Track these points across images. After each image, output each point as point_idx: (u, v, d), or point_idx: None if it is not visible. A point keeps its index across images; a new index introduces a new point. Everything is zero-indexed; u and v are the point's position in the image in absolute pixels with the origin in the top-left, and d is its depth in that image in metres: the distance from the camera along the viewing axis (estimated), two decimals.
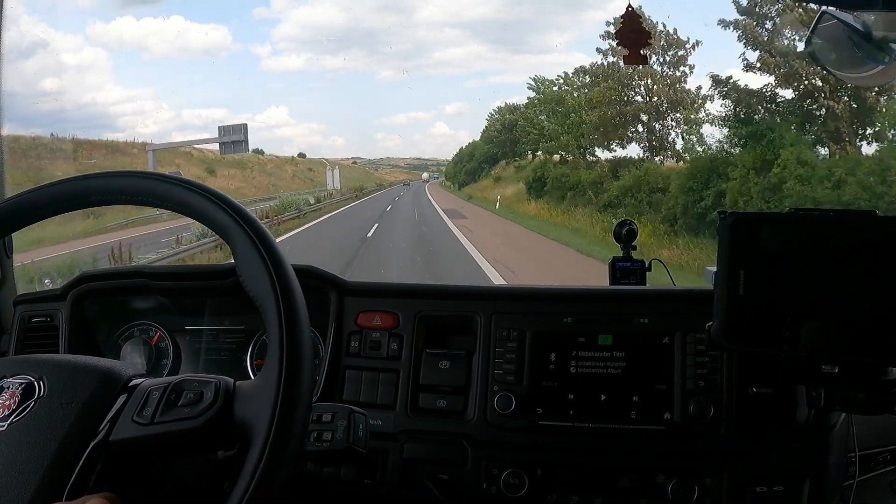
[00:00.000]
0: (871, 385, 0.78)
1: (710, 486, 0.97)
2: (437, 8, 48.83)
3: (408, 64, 54.28)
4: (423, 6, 50.69)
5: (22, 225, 0.76)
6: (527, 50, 49.32)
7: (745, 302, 0.75)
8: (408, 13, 51.44)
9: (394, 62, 54.29)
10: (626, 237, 1.39)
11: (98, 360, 0.72)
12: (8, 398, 0.65)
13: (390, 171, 60.38)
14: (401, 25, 50.91)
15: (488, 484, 1.01)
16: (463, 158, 36.70)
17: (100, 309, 1.26)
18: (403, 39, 52.47)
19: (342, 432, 0.77)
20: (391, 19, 49.90)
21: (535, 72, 39.50)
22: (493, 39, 55.81)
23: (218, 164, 30.12)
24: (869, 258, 0.73)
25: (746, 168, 12.01)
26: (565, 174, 19.10)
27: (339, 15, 49.76)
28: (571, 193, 18.09)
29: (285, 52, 58.83)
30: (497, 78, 57.09)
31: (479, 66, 56.40)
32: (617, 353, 1.02)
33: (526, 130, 23.77)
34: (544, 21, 38.33)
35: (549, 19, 38.33)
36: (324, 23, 50.65)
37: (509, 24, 43.13)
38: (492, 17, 45.49)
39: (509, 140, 27.20)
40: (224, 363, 1.28)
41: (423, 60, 56.20)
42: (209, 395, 0.66)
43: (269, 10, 53.64)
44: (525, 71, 56.04)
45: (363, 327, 1.11)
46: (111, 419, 0.65)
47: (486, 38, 52.92)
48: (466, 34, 53.68)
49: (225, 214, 0.69)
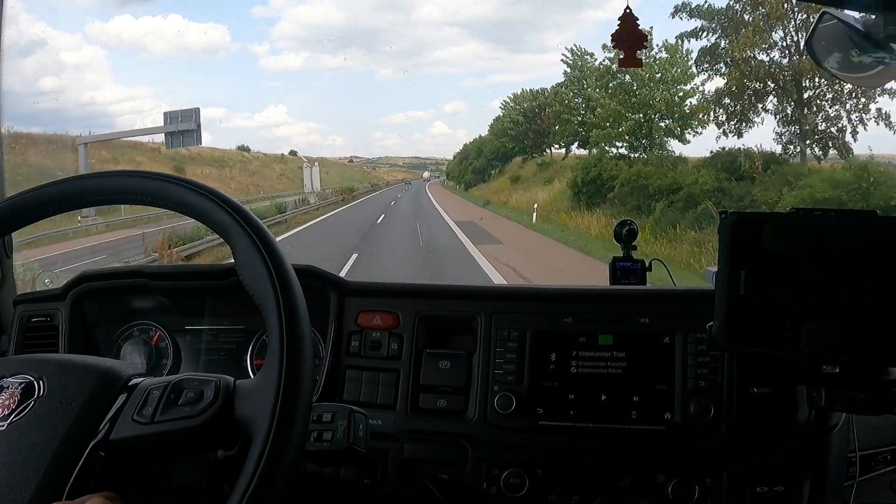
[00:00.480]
0: (871, 385, 0.78)
1: (710, 486, 0.97)
2: (435, 6, 48.81)
3: (406, 63, 54.32)
4: (421, 5, 50.67)
5: (22, 224, 0.76)
6: (525, 49, 49.37)
7: (746, 302, 0.75)
8: (406, 12, 51.45)
9: (393, 61, 54.33)
10: (626, 237, 1.39)
11: (98, 360, 0.72)
12: (8, 398, 0.65)
13: (388, 170, 59.90)
14: (399, 24, 50.94)
15: (488, 484, 1.00)
16: (469, 155, 33.70)
17: (100, 309, 1.26)
18: (402, 38, 52.48)
19: (342, 432, 0.76)
20: (390, 18, 49.91)
21: (533, 71, 38.79)
22: (491, 38, 55.85)
23: (192, 162, 27.49)
24: (869, 258, 0.73)
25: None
26: (643, 174, 13.18)
27: (337, 14, 49.75)
28: (665, 204, 11.68)
29: (284, 51, 58.84)
30: (496, 77, 57.12)
31: (477, 65, 56.44)
32: (617, 353, 1.02)
33: (562, 117, 18.50)
34: (543, 20, 38.28)
35: (548, 18, 38.28)
36: (322, 22, 50.63)
37: (508, 22, 43.13)
38: (490, 16, 45.50)
39: (531, 131, 23.38)
40: (224, 363, 1.28)
41: (422, 59, 56.24)
42: (209, 393, 0.65)
43: (267, 9, 53.69)
44: (523, 70, 55.98)
45: (363, 327, 1.11)
46: (111, 418, 0.65)
47: (484, 37, 52.94)
48: (465, 33, 53.70)
49: (225, 214, 0.68)
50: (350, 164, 54.26)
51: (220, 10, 52.59)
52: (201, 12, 50.21)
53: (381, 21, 50.17)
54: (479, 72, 59.63)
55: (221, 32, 53.57)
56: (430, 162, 57.18)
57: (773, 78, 12.49)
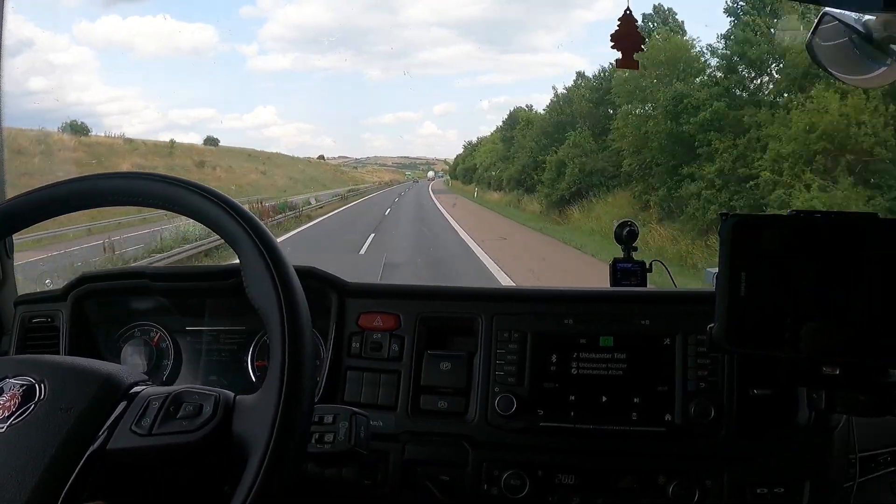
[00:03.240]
0: (871, 387, 0.78)
1: (710, 488, 0.97)
2: (424, 7, 48.73)
3: (397, 64, 54.25)
4: (410, 5, 50.54)
5: (25, 225, 0.76)
6: (515, 49, 49.31)
7: (747, 303, 0.75)
8: (395, 12, 51.43)
9: (382, 62, 54.22)
10: (626, 238, 1.39)
11: (100, 365, 0.72)
12: (8, 399, 0.64)
13: (375, 169, 58.73)
14: (389, 25, 50.85)
15: (489, 485, 1.01)
16: (514, 144, 21.37)
17: (100, 309, 1.26)
18: (392, 39, 52.41)
19: (344, 434, 0.76)
20: (379, 18, 49.82)
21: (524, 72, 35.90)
22: (481, 39, 55.85)
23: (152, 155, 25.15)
24: (870, 261, 0.73)
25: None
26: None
27: (325, 14, 49.66)
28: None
29: (272, 52, 58.68)
30: (485, 77, 57.08)
31: (467, 65, 56.32)
32: (618, 354, 1.02)
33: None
34: (532, 20, 38.15)
35: (538, 19, 38.20)
36: (311, 22, 50.41)
37: (497, 23, 43.06)
38: (479, 17, 45.44)
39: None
40: (224, 364, 1.28)
41: (411, 60, 56.13)
42: (208, 409, 0.65)
43: (255, 9, 53.54)
44: (513, 71, 55.93)
45: (364, 328, 1.11)
46: (109, 426, 0.65)
47: (474, 37, 52.89)
48: (454, 34, 53.64)
49: (229, 218, 0.68)
50: (321, 163, 48.03)
51: (208, 11, 52.59)
52: (189, 12, 50.21)
53: (370, 21, 50.17)
54: (469, 72, 59.70)
55: (210, 33, 53.54)
56: (420, 161, 56.84)
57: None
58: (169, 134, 49.90)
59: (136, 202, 0.72)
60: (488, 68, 56.47)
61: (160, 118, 45.20)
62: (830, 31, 0.98)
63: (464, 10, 49.03)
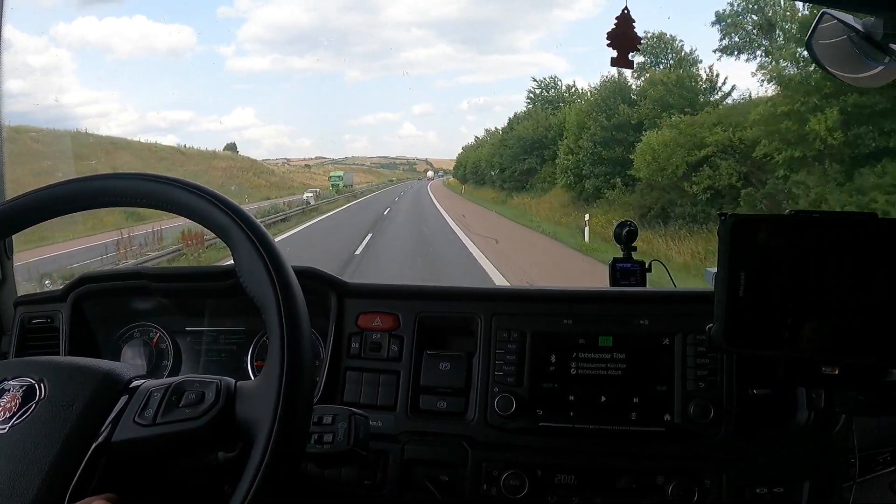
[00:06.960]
0: (871, 387, 0.78)
1: (709, 488, 0.97)
2: (403, 7, 48.53)
3: (375, 64, 54.07)
4: (388, 5, 50.31)
5: (23, 226, 0.76)
6: (494, 50, 49.03)
7: (746, 303, 0.75)
8: (374, 12, 51.25)
9: (361, 63, 54.02)
10: (626, 238, 1.39)
11: (98, 362, 0.72)
12: (9, 400, 0.65)
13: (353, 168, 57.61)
14: (367, 25, 50.62)
15: (488, 485, 1.00)
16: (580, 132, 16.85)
17: (100, 310, 1.26)
18: (370, 40, 52.18)
19: (343, 434, 0.77)
20: (357, 19, 49.60)
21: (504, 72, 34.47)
22: (460, 39, 55.67)
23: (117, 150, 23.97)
24: (869, 261, 0.73)
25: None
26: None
27: (304, 15, 49.48)
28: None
29: (251, 53, 58.37)
30: (465, 78, 56.84)
31: (446, 66, 56.09)
32: (617, 354, 1.02)
33: None
34: (512, 20, 37.87)
35: (517, 19, 37.96)
36: (289, 23, 50.12)
37: (476, 23, 42.82)
38: (458, 17, 45.23)
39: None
40: (224, 364, 1.28)
41: (391, 61, 55.89)
42: (210, 395, 0.66)
43: (233, 10, 53.23)
44: (493, 71, 55.77)
45: (363, 329, 1.11)
46: (112, 420, 0.65)
47: (453, 37, 52.70)
48: (433, 34, 53.42)
49: (224, 215, 0.68)
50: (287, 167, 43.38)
51: (185, 11, 52.29)
52: (166, 13, 49.98)
53: (348, 22, 49.96)
54: (448, 73, 59.56)
55: (187, 33, 53.21)
56: (400, 161, 56.50)
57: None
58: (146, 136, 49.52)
59: (125, 202, 0.72)
60: (468, 69, 56.50)
61: (138, 119, 45.05)
62: (829, 31, 0.98)
63: (442, 9, 48.96)
